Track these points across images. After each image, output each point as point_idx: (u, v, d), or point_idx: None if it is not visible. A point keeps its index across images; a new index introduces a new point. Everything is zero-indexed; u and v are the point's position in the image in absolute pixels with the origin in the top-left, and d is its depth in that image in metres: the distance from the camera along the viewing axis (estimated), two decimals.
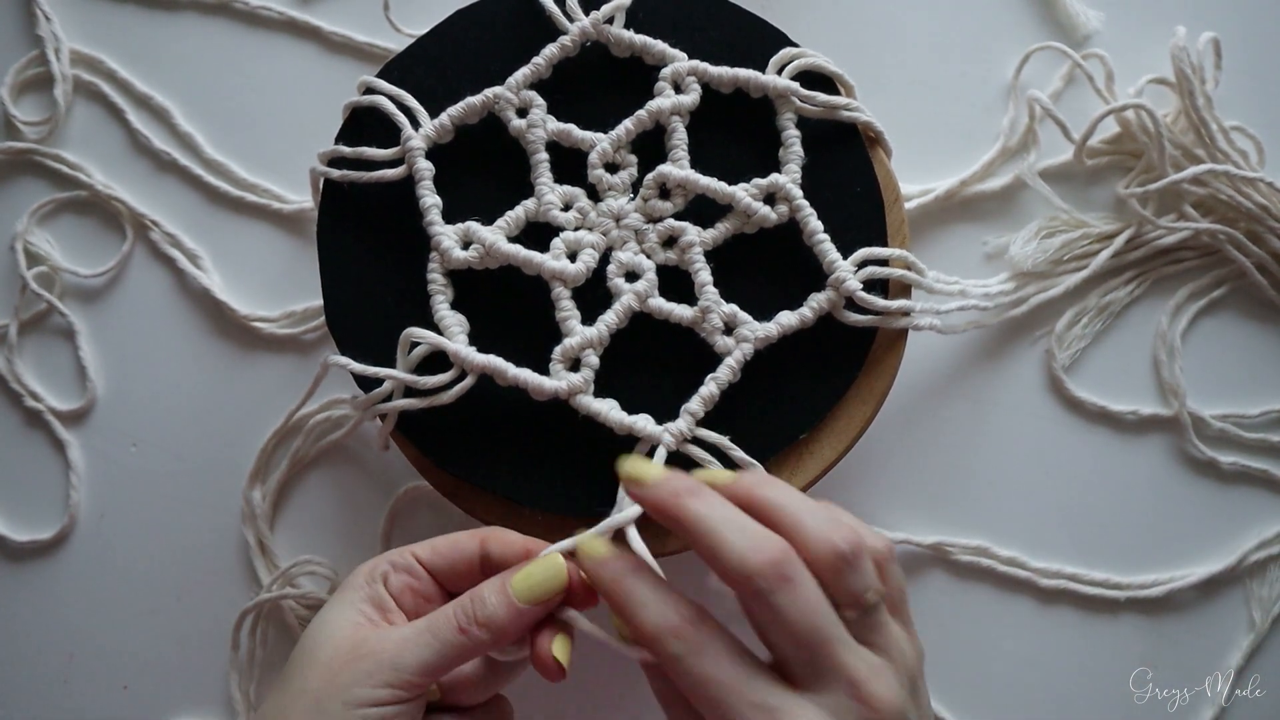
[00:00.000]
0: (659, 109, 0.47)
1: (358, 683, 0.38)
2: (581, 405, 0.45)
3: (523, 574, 0.39)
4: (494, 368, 0.44)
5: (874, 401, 0.47)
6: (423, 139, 0.47)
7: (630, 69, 0.48)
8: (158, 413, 0.56)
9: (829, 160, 0.48)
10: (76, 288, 0.58)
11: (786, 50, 0.48)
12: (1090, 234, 0.55)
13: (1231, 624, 0.54)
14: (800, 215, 0.46)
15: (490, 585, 0.40)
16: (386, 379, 0.45)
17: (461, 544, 0.42)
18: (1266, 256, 0.55)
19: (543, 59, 0.47)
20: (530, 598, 0.39)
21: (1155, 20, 0.57)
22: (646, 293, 0.46)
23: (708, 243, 0.46)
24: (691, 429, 0.45)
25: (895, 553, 0.38)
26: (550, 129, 0.47)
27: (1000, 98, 0.57)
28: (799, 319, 0.46)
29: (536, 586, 0.39)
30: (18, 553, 0.56)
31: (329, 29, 0.58)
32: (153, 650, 0.55)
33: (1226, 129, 0.55)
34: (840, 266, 0.46)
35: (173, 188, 0.58)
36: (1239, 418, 0.55)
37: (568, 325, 0.45)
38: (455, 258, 0.46)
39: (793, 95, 0.47)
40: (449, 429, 0.46)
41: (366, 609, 0.40)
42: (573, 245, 0.46)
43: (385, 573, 0.41)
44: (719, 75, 0.47)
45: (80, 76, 0.58)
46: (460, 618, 0.39)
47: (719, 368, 0.45)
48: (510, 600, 0.39)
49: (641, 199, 0.47)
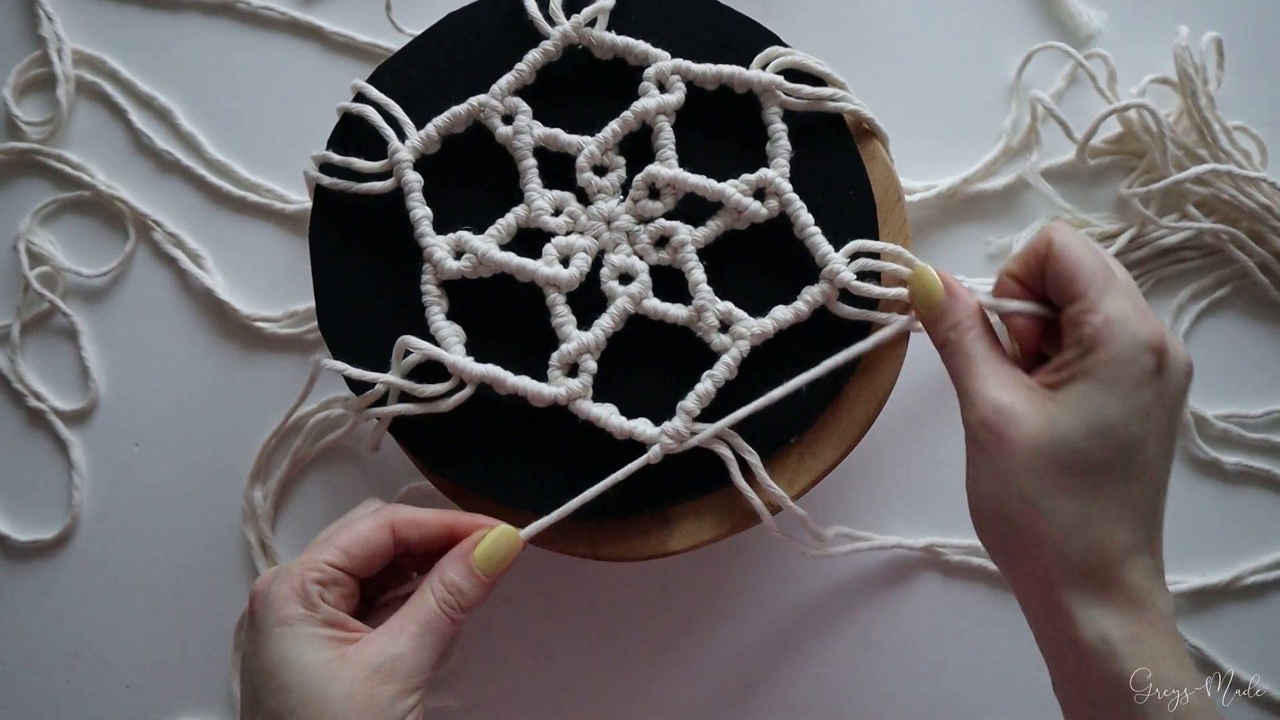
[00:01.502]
0: (644, 109, 0.47)
1: (395, 700, 0.39)
2: (581, 411, 0.45)
3: (484, 554, 0.42)
4: (493, 377, 0.44)
5: (876, 402, 0.47)
6: (410, 151, 0.47)
7: (615, 71, 0.48)
8: (160, 413, 0.56)
9: (818, 156, 0.48)
10: (79, 288, 0.58)
11: (770, 49, 0.48)
12: (1092, 234, 0.55)
13: (1224, 632, 0.54)
14: (790, 209, 0.46)
15: (457, 570, 0.42)
16: (381, 383, 0.45)
17: (373, 541, 0.42)
18: (1269, 256, 0.55)
19: (526, 65, 0.47)
20: (496, 570, 0.42)
21: (1158, 20, 0.57)
22: (641, 294, 0.46)
23: (699, 241, 0.46)
24: (689, 427, 0.45)
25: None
26: (537, 134, 0.47)
27: (1002, 97, 0.57)
28: (794, 313, 0.46)
29: (501, 560, 0.42)
30: (20, 552, 0.56)
31: (331, 29, 0.58)
32: (154, 650, 0.55)
33: (1229, 129, 0.55)
34: (832, 258, 0.46)
35: (175, 188, 0.58)
36: (1242, 418, 0.55)
37: (563, 331, 0.45)
38: (448, 268, 0.46)
39: (777, 89, 0.47)
40: (443, 433, 0.46)
41: (327, 632, 0.40)
42: (565, 250, 0.46)
43: (319, 593, 0.40)
44: (702, 72, 0.47)
45: (83, 77, 0.59)
46: (449, 610, 0.41)
47: (715, 365, 0.45)
48: (481, 579, 0.42)
49: (631, 200, 0.47)
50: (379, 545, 0.42)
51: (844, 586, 0.54)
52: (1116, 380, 0.37)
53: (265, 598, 0.40)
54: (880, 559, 0.54)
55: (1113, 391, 0.37)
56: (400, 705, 0.39)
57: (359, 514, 0.44)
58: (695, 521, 0.46)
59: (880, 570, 0.54)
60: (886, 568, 0.54)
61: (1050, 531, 0.37)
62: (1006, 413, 0.38)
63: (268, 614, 0.40)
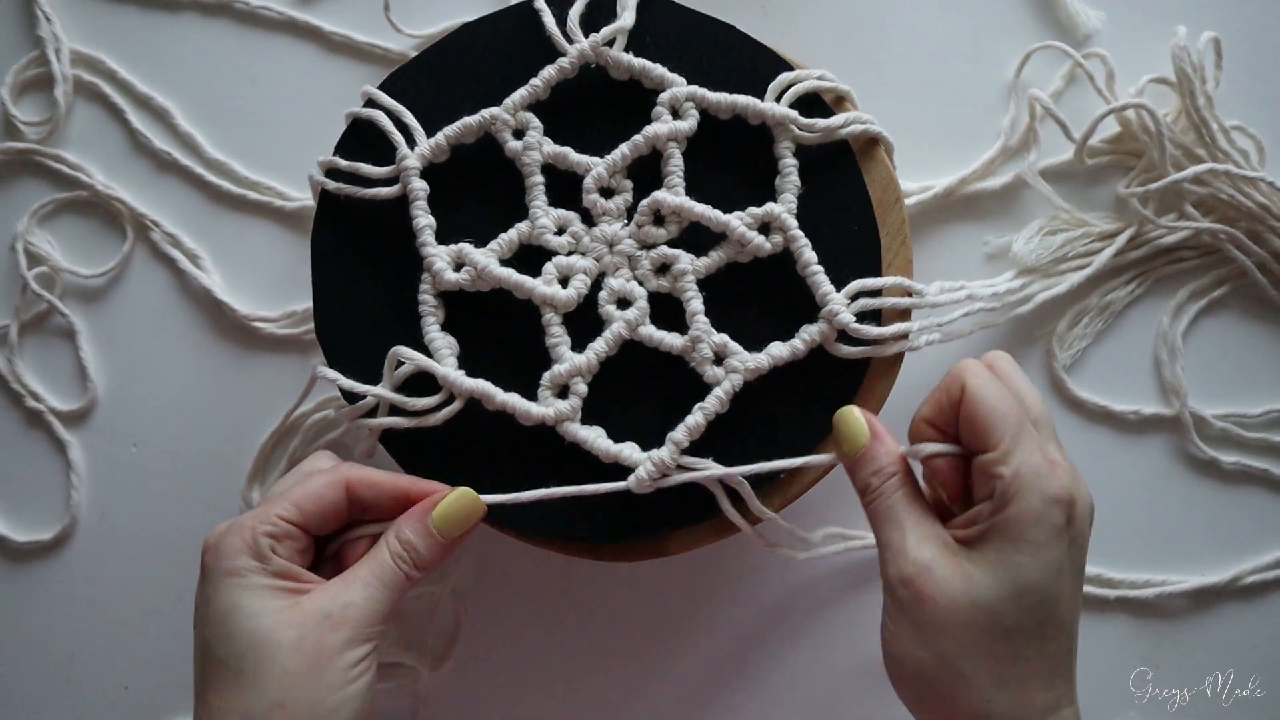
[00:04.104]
0: (656, 134, 0.46)
1: (344, 648, 0.39)
2: (568, 433, 0.45)
3: (441, 514, 0.42)
4: (482, 392, 0.44)
5: (873, 404, 0.47)
6: (418, 158, 0.47)
7: (629, 93, 0.48)
8: (158, 413, 0.56)
9: (825, 188, 0.47)
10: (77, 288, 0.58)
11: (785, 75, 0.47)
12: (1091, 233, 0.55)
13: (1224, 631, 0.54)
14: (795, 246, 0.46)
15: (413, 529, 0.42)
16: (371, 395, 0.45)
17: (327, 498, 0.42)
18: (1267, 256, 0.55)
19: (541, 80, 0.47)
20: (453, 533, 0.42)
21: (1156, 20, 0.57)
22: (637, 321, 0.45)
23: (700, 271, 0.46)
24: (675, 458, 0.44)
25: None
26: (546, 151, 0.47)
27: (1001, 97, 0.57)
28: (790, 350, 0.45)
29: (458, 523, 0.42)
30: (19, 553, 0.56)
31: (329, 29, 0.58)
32: (153, 650, 0.55)
33: (1227, 128, 0.55)
34: (833, 299, 0.45)
35: (173, 188, 0.58)
36: (1240, 417, 0.55)
37: (557, 351, 0.45)
38: (447, 280, 0.46)
39: (791, 124, 0.47)
40: (432, 447, 0.46)
41: (278, 583, 0.40)
42: (565, 270, 0.46)
43: (270, 546, 0.40)
44: (717, 101, 0.47)
45: (81, 77, 0.59)
46: (402, 566, 0.41)
47: (707, 398, 0.45)
48: (437, 539, 0.42)
49: (636, 225, 0.46)
50: (333, 502, 0.42)
51: (839, 585, 0.54)
52: (1029, 539, 0.38)
53: (216, 550, 0.40)
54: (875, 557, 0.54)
55: (1026, 551, 0.38)
56: (350, 654, 0.39)
57: (316, 466, 0.44)
58: (688, 529, 0.46)
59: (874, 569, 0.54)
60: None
61: (970, 695, 0.38)
62: (926, 571, 0.39)
63: (218, 565, 0.40)
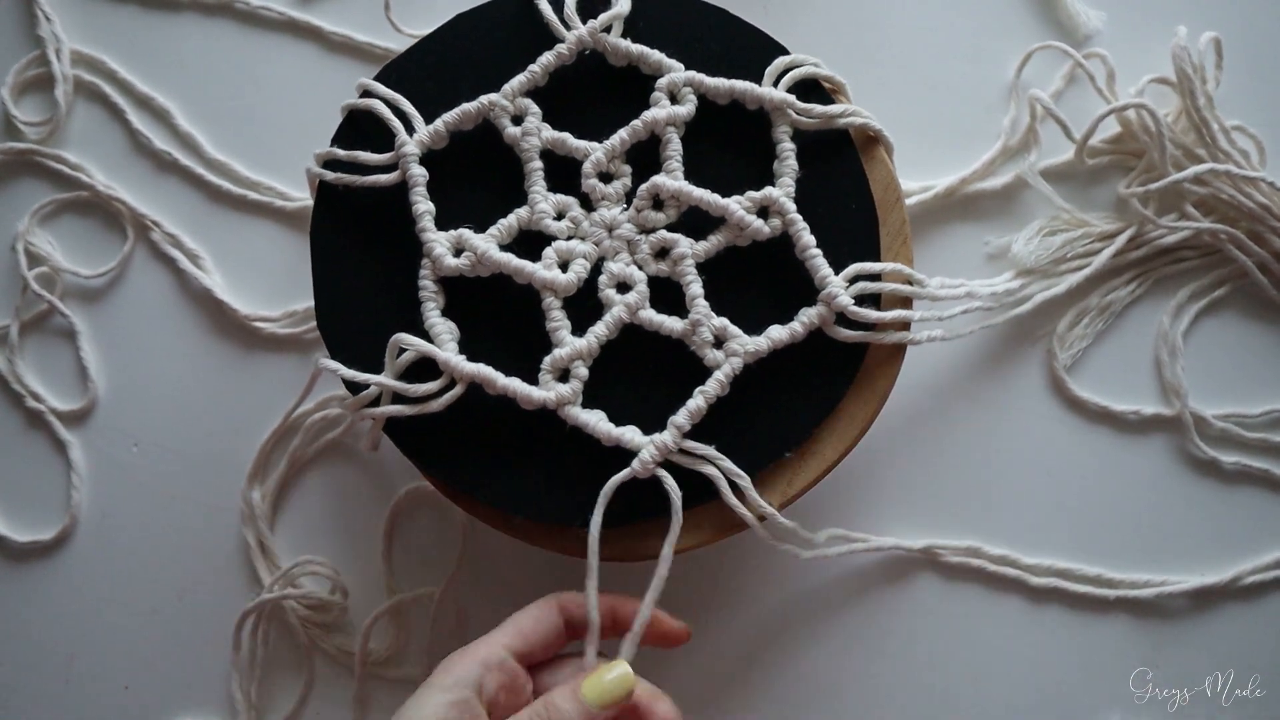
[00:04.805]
0: (654, 119, 0.47)
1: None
2: (570, 416, 0.45)
3: (593, 683, 0.41)
4: (483, 377, 0.44)
5: (875, 402, 0.47)
6: (417, 145, 0.47)
7: (627, 78, 0.48)
8: (159, 413, 0.56)
9: (824, 173, 0.47)
10: (77, 288, 0.58)
11: (781, 59, 0.48)
12: (1091, 233, 0.55)
13: (1224, 631, 0.54)
14: (793, 229, 0.46)
15: (562, 694, 0.41)
16: (374, 384, 0.45)
17: (544, 620, 0.43)
18: (1268, 256, 0.55)
19: (539, 67, 0.47)
20: (602, 704, 0.41)
21: (1156, 20, 0.57)
22: (637, 304, 0.46)
23: (700, 255, 0.46)
24: (678, 441, 0.44)
25: None
26: (545, 137, 0.47)
27: (1001, 97, 0.57)
28: (789, 334, 0.45)
29: (607, 695, 0.41)
30: (19, 553, 0.56)
31: (329, 29, 0.58)
32: (153, 650, 0.55)
33: (1227, 128, 0.55)
34: (831, 282, 0.45)
35: (174, 188, 0.58)
36: (1241, 417, 0.55)
37: (558, 335, 0.45)
38: (447, 265, 0.46)
39: (789, 108, 0.47)
40: (438, 434, 0.46)
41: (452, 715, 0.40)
42: (564, 255, 0.46)
43: (479, 678, 0.41)
44: (715, 86, 0.47)
45: (81, 77, 0.59)
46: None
47: (707, 381, 0.45)
48: (585, 708, 0.41)
49: (635, 209, 0.47)
50: (551, 624, 0.43)
51: (842, 587, 0.54)
52: None
53: (446, 661, 0.42)
54: (878, 559, 0.54)
55: None
56: None
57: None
58: (693, 524, 0.46)
59: (878, 571, 0.54)
60: (884, 568, 0.54)
61: None
62: None
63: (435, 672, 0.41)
